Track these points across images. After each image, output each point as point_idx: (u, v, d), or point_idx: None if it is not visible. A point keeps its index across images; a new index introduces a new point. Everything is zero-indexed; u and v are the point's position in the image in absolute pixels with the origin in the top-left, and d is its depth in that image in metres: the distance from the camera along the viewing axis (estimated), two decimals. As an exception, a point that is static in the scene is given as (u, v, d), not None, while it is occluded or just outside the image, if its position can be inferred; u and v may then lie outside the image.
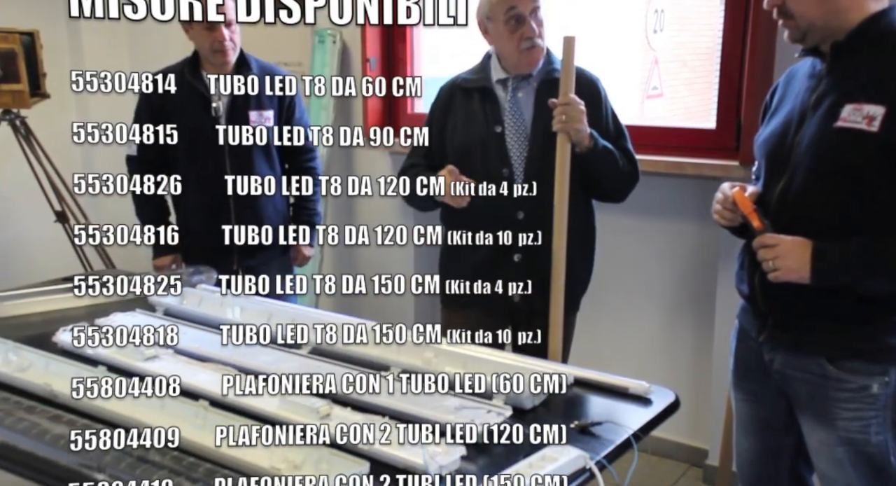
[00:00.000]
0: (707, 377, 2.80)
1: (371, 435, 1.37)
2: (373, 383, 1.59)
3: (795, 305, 1.66)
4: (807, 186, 1.62)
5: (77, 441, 1.38)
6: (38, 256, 3.75)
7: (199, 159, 2.60)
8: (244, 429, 1.37)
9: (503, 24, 2.16)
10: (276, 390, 1.55)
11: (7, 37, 3.18)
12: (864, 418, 1.64)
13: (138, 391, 1.48)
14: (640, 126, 2.80)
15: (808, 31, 1.61)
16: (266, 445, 1.36)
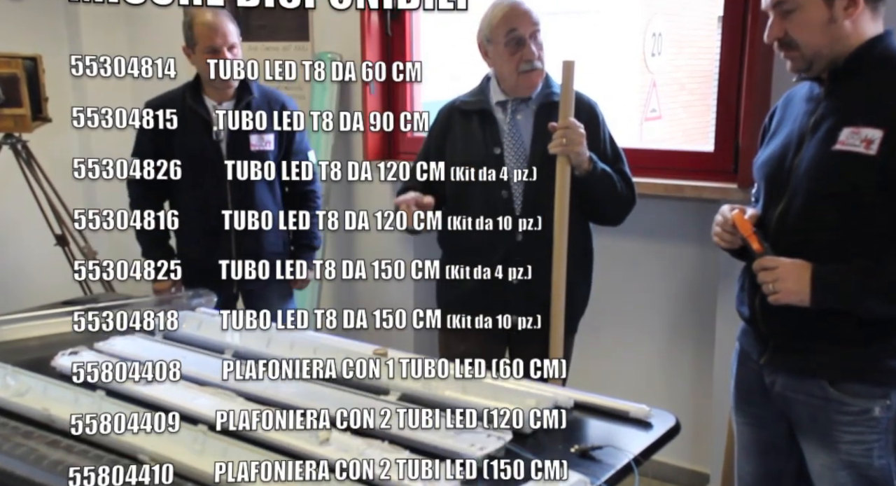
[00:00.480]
0: (708, 400, 2.79)
1: (370, 470, 1.36)
2: (372, 407, 1.59)
3: (796, 327, 1.66)
4: (806, 208, 1.63)
5: (76, 478, 1.37)
6: (38, 279, 3.75)
7: (200, 183, 2.61)
8: (243, 465, 1.36)
9: (503, 46, 2.18)
10: (276, 414, 1.54)
11: (10, 62, 3.20)
12: (866, 441, 1.63)
13: (137, 427, 1.48)
14: (638, 149, 2.81)
15: (815, 61, 1.62)
16: (265, 481, 1.35)
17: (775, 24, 1.63)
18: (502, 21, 2.16)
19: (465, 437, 1.47)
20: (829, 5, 1.57)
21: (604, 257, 2.40)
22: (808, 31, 1.59)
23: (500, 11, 2.18)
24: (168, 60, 1.85)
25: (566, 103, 2.11)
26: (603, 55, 8.28)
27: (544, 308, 2.16)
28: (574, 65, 2.11)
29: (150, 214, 2.40)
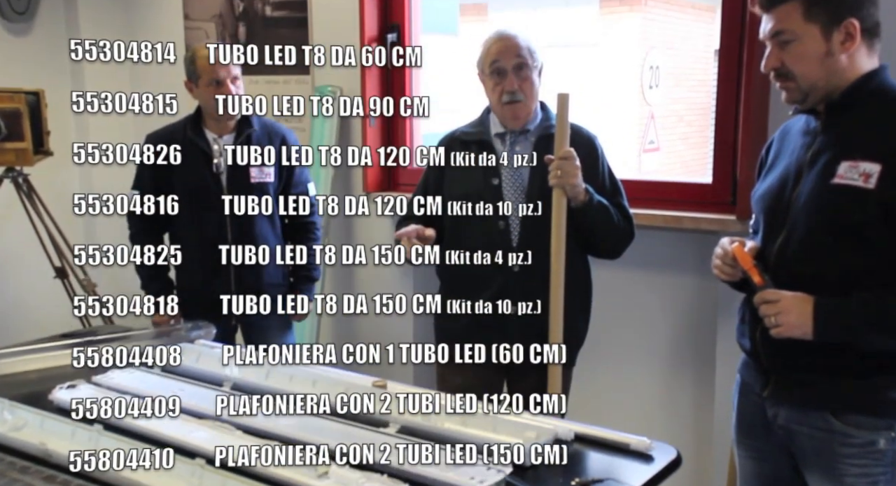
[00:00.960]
0: (709, 433, 2.77)
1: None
2: (371, 440, 1.58)
3: (798, 360, 1.65)
4: (806, 241, 1.63)
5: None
6: (37, 311, 3.75)
7: (200, 214, 2.61)
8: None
9: (488, 76, 2.23)
10: (274, 450, 1.53)
11: (13, 96, 3.23)
12: (871, 474, 1.62)
13: (135, 463, 1.47)
14: (637, 180, 2.82)
15: (810, 92, 1.63)
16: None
17: (773, 54, 1.65)
18: (488, 52, 2.22)
19: (464, 470, 1.46)
20: (827, 39, 1.59)
21: (602, 288, 2.40)
22: (805, 62, 1.61)
23: (489, 41, 2.23)
24: (169, 96, 1.87)
25: (561, 135, 2.13)
26: (601, 87, 8.36)
27: (542, 341, 2.15)
28: (568, 97, 2.13)
29: (150, 249, 2.41)
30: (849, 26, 1.58)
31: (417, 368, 3.29)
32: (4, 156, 3.26)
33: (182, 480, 1.45)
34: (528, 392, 2.24)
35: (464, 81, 2.21)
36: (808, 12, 1.59)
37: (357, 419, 1.69)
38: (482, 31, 2.28)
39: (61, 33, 3.94)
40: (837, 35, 1.58)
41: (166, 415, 1.67)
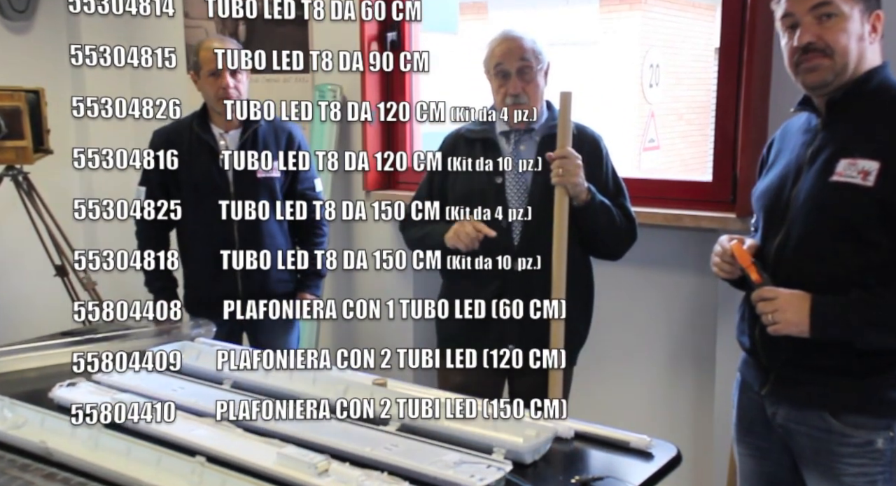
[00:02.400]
0: (709, 431, 2.77)
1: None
2: (372, 438, 1.58)
3: (797, 358, 1.65)
4: (804, 239, 1.63)
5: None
6: (37, 309, 3.75)
7: (206, 211, 2.60)
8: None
9: (493, 77, 2.22)
10: (274, 446, 1.54)
11: (13, 95, 3.23)
12: (870, 473, 1.62)
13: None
14: (637, 179, 2.82)
15: (841, 73, 1.60)
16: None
17: (810, 27, 1.60)
18: (492, 53, 2.21)
19: (465, 468, 1.46)
20: (863, 23, 1.60)
21: (602, 286, 2.40)
22: (846, 38, 1.59)
23: (493, 43, 2.22)
24: (170, 101, 1.87)
25: (563, 134, 2.13)
26: (601, 86, 8.37)
27: (543, 342, 2.16)
28: (571, 96, 2.13)
29: (151, 254, 2.41)
30: (876, 17, 1.60)
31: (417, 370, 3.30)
32: (4, 154, 3.26)
33: (182, 478, 1.45)
34: (529, 391, 2.25)
35: (463, 80, 2.21)
36: None
37: (357, 417, 1.69)
38: (482, 29, 2.28)
39: (61, 32, 3.94)
40: (868, 23, 1.60)
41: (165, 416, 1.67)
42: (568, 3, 8.42)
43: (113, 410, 1.64)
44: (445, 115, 2.07)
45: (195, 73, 2.65)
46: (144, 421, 1.66)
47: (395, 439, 1.59)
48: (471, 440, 1.56)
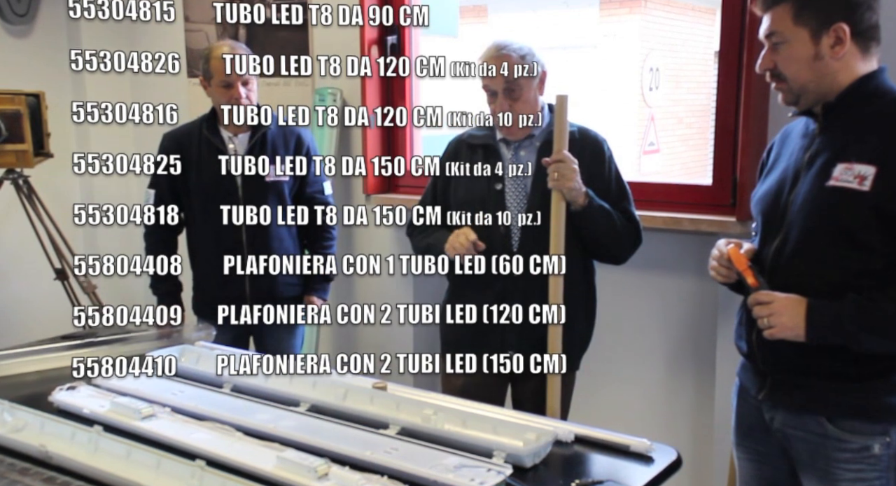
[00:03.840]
0: (709, 435, 2.77)
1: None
2: (372, 442, 1.58)
3: (794, 363, 1.65)
4: (801, 244, 1.63)
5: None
6: (37, 312, 3.75)
7: (214, 214, 2.59)
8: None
9: (483, 90, 2.21)
10: (274, 449, 1.53)
11: (13, 98, 3.23)
12: (867, 479, 1.62)
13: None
14: (637, 182, 2.82)
15: (802, 94, 1.64)
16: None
17: (767, 55, 1.66)
18: (480, 70, 2.17)
19: (465, 472, 1.46)
20: (816, 42, 1.59)
21: (603, 290, 2.40)
22: (795, 65, 1.62)
23: (481, 58, 2.18)
24: (170, 107, 1.88)
25: (559, 138, 2.13)
26: (601, 89, 8.38)
27: (542, 347, 2.16)
28: (567, 99, 2.13)
29: (162, 259, 2.41)
30: (838, 30, 1.58)
31: (417, 371, 3.29)
32: (5, 157, 3.27)
33: (182, 482, 1.44)
34: (531, 395, 2.25)
35: (464, 83, 2.21)
36: (797, 15, 1.59)
37: (357, 420, 1.70)
38: (482, 32, 2.28)
39: (62, 36, 3.94)
40: (826, 39, 1.59)
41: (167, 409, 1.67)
42: (568, 7, 8.44)
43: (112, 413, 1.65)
44: (443, 120, 2.07)
45: (205, 80, 2.65)
46: (143, 424, 1.66)
47: (394, 442, 1.59)
48: (471, 444, 1.56)
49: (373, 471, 1.47)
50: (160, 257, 2.63)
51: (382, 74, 3.03)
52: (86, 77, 3.88)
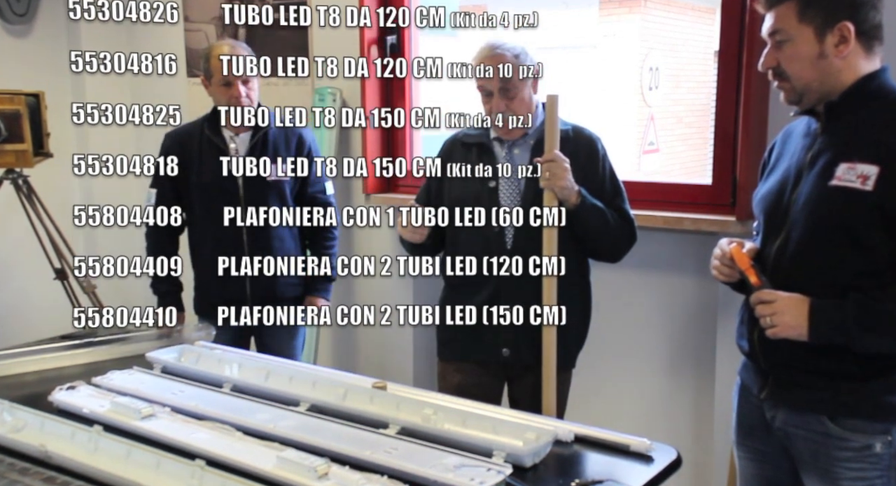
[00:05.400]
0: (709, 434, 2.77)
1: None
2: (371, 441, 1.58)
3: (795, 362, 1.65)
4: (803, 243, 1.63)
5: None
6: (37, 312, 3.75)
7: (216, 211, 2.58)
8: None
9: (477, 90, 2.22)
10: (274, 449, 1.53)
11: (13, 98, 3.23)
12: (868, 478, 1.61)
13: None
14: (637, 182, 2.83)
15: (805, 93, 1.64)
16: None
17: (770, 53, 1.66)
18: (475, 70, 2.18)
19: (464, 471, 1.46)
20: (820, 41, 1.59)
21: (602, 289, 2.40)
22: (798, 64, 1.62)
23: (476, 58, 2.18)
24: (170, 108, 1.88)
25: (550, 137, 2.13)
26: (601, 89, 8.37)
27: (536, 344, 2.17)
28: (558, 98, 2.13)
29: (163, 260, 2.41)
30: (843, 29, 1.58)
31: (417, 369, 3.30)
32: (4, 157, 3.26)
33: (182, 481, 1.44)
34: (528, 393, 2.26)
35: (463, 82, 2.21)
36: (802, 13, 1.59)
37: (357, 420, 1.69)
38: (481, 33, 2.28)
39: (62, 35, 3.94)
40: (831, 37, 1.58)
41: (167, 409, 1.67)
42: (567, 7, 8.43)
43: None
44: (441, 121, 2.08)
45: (206, 79, 2.65)
46: (143, 424, 1.66)
47: (394, 442, 1.59)
48: (471, 444, 1.56)
49: (373, 471, 1.47)
50: (161, 257, 2.63)
51: (379, 76, 3.03)
52: (86, 78, 3.88)
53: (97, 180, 3.80)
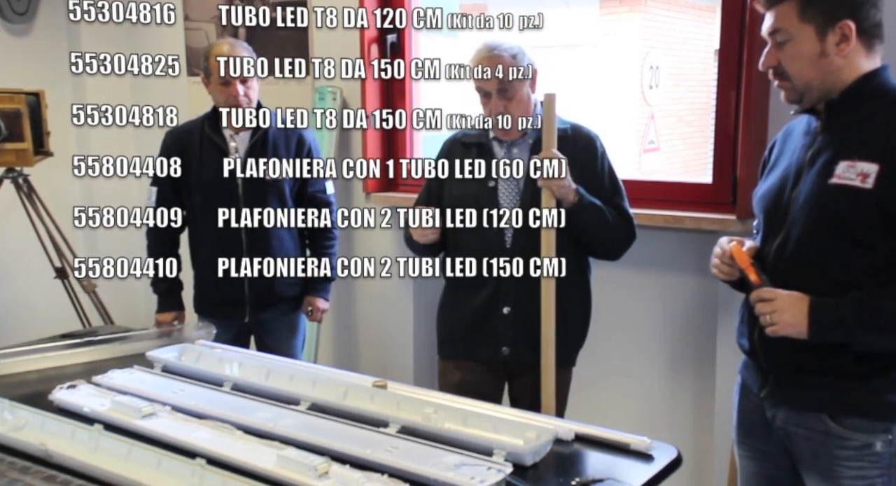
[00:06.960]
0: (709, 433, 2.77)
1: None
2: (372, 440, 1.58)
3: (796, 360, 1.65)
4: (803, 241, 1.63)
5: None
6: (37, 311, 3.75)
7: (215, 210, 2.58)
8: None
9: (476, 91, 2.22)
10: (274, 448, 1.53)
11: (13, 97, 3.23)
12: (868, 476, 1.61)
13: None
14: (637, 180, 2.83)
15: (805, 92, 1.64)
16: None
17: (770, 52, 1.66)
18: (472, 71, 2.17)
19: (465, 470, 1.46)
20: (821, 39, 1.59)
21: (603, 287, 2.40)
22: (799, 63, 1.61)
23: (473, 60, 2.18)
24: (170, 109, 1.88)
25: (548, 136, 2.13)
26: (601, 88, 8.36)
27: (536, 342, 2.17)
28: (555, 97, 2.13)
29: (162, 261, 2.41)
30: (844, 28, 1.57)
31: (417, 368, 3.30)
32: (5, 156, 3.27)
33: (182, 480, 1.44)
34: (528, 391, 2.26)
35: (463, 83, 2.21)
36: (803, 12, 1.59)
37: (357, 419, 1.70)
38: (481, 33, 2.28)
39: (62, 34, 3.94)
40: (832, 36, 1.58)
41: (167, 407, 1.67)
42: (568, 5, 8.42)
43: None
44: (442, 122, 2.08)
45: (206, 78, 2.65)
46: (144, 423, 1.66)
47: (395, 441, 1.59)
48: (471, 442, 1.56)
49: (373, 469, 1.47)
50: (161, 257, 2.63)
51: (377, 77, 3.03)
52: (86, 79, 3.88)
53: (98, 181, 3.82)
